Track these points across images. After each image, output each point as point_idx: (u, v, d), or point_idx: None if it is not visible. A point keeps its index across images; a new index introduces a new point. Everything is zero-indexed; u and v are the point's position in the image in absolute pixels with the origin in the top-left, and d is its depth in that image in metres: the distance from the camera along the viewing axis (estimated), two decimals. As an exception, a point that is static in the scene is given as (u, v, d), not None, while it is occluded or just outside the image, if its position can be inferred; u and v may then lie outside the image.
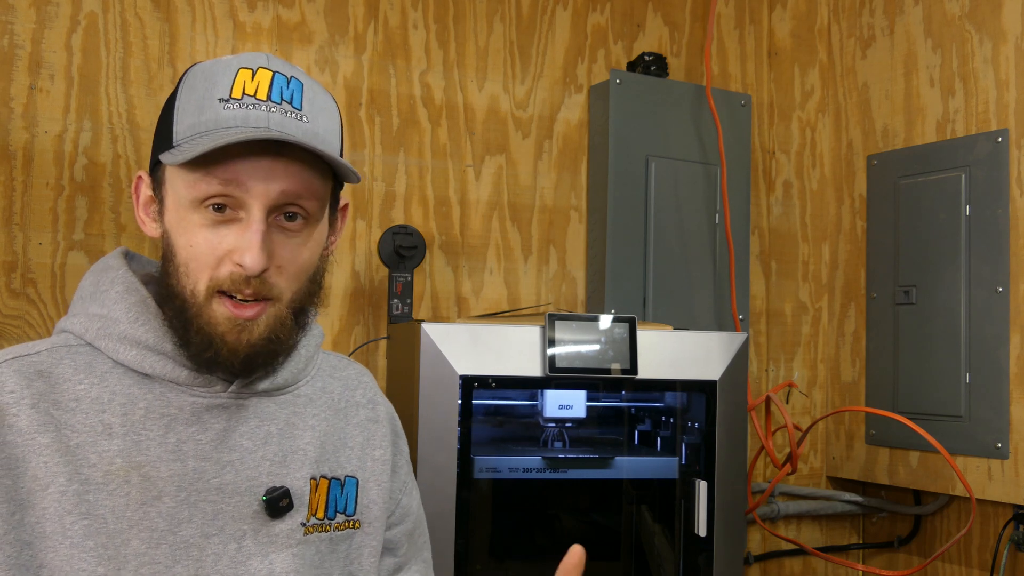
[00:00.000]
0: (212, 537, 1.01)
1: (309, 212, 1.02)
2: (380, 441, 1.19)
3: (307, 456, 1.09)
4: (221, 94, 1.00)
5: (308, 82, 1.05)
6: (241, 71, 1.01)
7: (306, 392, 1.13)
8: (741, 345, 1.83)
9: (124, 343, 1.02)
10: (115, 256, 1.10)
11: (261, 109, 0.99)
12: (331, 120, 1.07)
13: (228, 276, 0.99)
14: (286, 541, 1.05)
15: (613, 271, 2.12)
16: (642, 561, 1.91)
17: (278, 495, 1.04)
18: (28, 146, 1.75)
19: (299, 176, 1.00)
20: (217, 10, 1.91)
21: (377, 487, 1.16)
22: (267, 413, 1.08)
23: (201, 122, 0.99)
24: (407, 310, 1.91)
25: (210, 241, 0.99)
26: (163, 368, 1.02)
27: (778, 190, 2.44)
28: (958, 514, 2.20)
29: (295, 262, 1.03)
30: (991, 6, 2.03)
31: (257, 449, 1.05)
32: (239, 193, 0.98)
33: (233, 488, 1.03)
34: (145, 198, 1.07)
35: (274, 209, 1.00)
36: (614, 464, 1.84)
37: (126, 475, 0.98)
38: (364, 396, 1.21)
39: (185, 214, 1.00)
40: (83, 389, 1.00)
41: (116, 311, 1.03)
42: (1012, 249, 1.96)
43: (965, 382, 2.04)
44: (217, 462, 1.03)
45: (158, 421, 1.01)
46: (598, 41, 2.25)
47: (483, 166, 2.13)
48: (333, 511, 1.10)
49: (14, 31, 1.75)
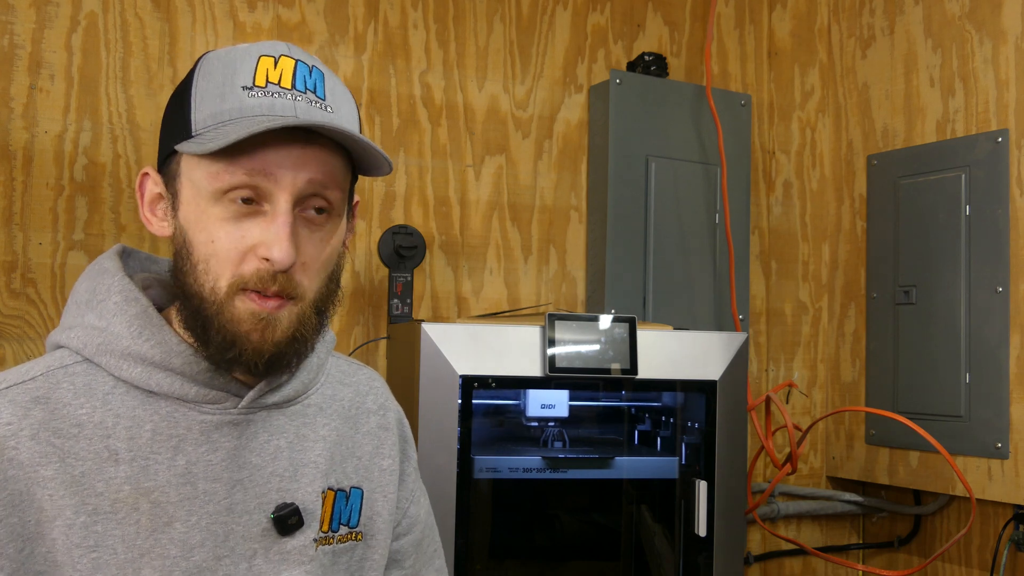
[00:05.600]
0: (224, 559, 0.98)
1: (333, 204, 0.98)
2: (389, 450, 1.15)
3: (318, 468, 1.05)
4: (244, 82, 0.95)
5: (327, 71, 1.01)
6: (263, 59, 0.97)
7: (316, 401, 1.09)
8: (741, 345, 1.83)
9: (127, 360, 0.97)
10: (111, 257, 1.04)
11: (287, 98, 0.96)
12: (352, 110, 1.03)
13: (254, 272, 0.94)
14: (298, 558, 1.02)
15: (613, 271, 2.12)
16: (642, 561, 1.91)
17: (287, 512, 1.01)
18: (28, 146, 1.75)
19: (326, 165, 0.96)
20: (217, 10, 1.91)
21: (383, 499, 1.12)
22: (276, 427, 1.04)
23: (224, 110, 0.95)
24: (407, 310, 1.91)
25: (232, 236, 0.94)
26: (170, 386, 0.97)
27: (778, 190, 2.44)
28: (958, 514, 2.20)
29: (319, 258, 0.98)
30: (991, 6, 2.03)
31: (266, 465, 1.02)
32: (266, 183, 0.94)
33: (243, 507, 0.99)
34: (152, 196, 1.02)
35: (299, 201, 0.96)
36: (614, 464, 1.84)
37: (135, 502, 0.94)
38: (375, 402, 1.17)
39: (206, 207, 0.95)
40: (85, 414, 0.95)
41: (116, 325, 0.98)
42: (1012, 249, 1.96)
43: (965, 382, 2.04)
44: (227, 482, 0.99)
45: (166, 443, 0.97)
46: (598, 41, 2.25)
47: (483, 166, 2.13)
48: (337, 523, 1.07)
49: (14, 31, 1.75)
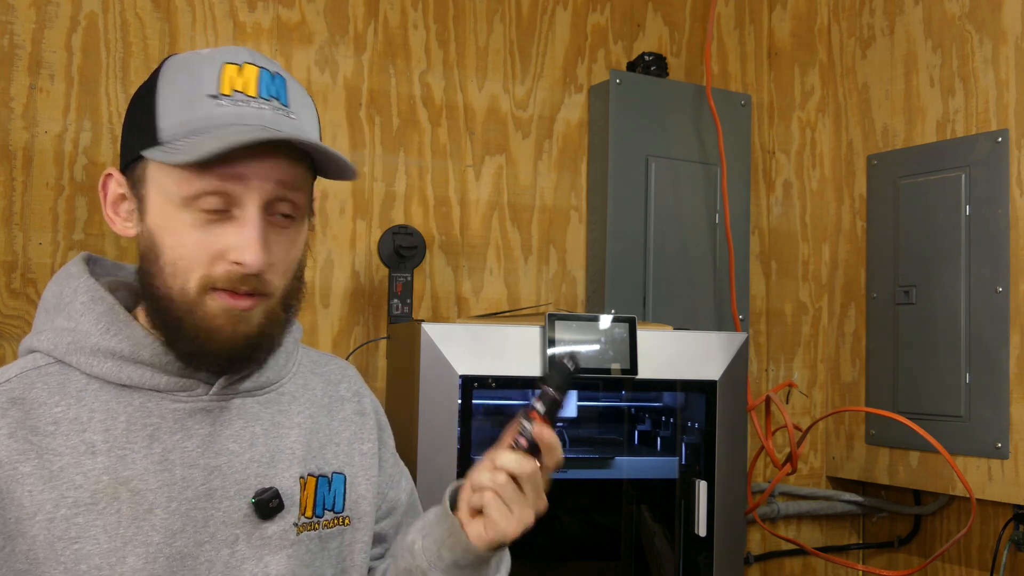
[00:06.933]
0: (205, 544, 1.00)
1: (298, 206, 1.02)
2: (368, 435, 1.18)
3: (295, 455, 1.08)
4: (209, 90, 0.98)
5: (288, 77, 1.04)
6: (227, 66, 0.99)
7: (289, 389, 1.12)
8: (741, 345, 1.83)
9: (97, 356, 1.00)
10: (76, 263, 1.07)
11: (252, 106, 0.98)
12: (313, 115, 1.07)
13: (224, 274, 0.97)
14: (280, 543, 1.04)
15: (613, 271, 2.12)
16: (642, 561, 1.91)
17: (267, 496, 1.03)
18: (28, 146, 1.75)
19: (292, 171, 1.00)
20: (217, 10, 1.91)
21: (366, 482, 1.15)
22: (252, 413, 1.06)
23: (193, 119, 0.97)
24: (407, 310, 1.91)
25: (202, 241, 0.97)
26: (141, 377, 1.00)
27: (778, 190, 2.44)
28: (958, 514, 2.20)
29: (286, 259, 1.02)
30: (991, 6, 2.03)
31: (244, 451, 1.04)
32: (236, 189, 0.96)
33: (222, 493, 1.01)
34: (115, 196, 1.04)
35: (266, 205, 0.99)
36: (614, 464, 1.84)
37: (114, 492, 0.96)
38: (349, 390, 1.20)
39: (174, 212, 0.97)
40: (60, 411, 0.98)
41: (84, 323, 1.01)
42: (1012, 249, 1.96)
43: (965, 382, 2.04)
44: (204, 468, 1.01)
45: (141, 432, 0.99)
46: (598, 41, 2.25)
47: (483, 166, 2.13)
48: (321, 509, 1.09)
49: (14, 31, 1.75)
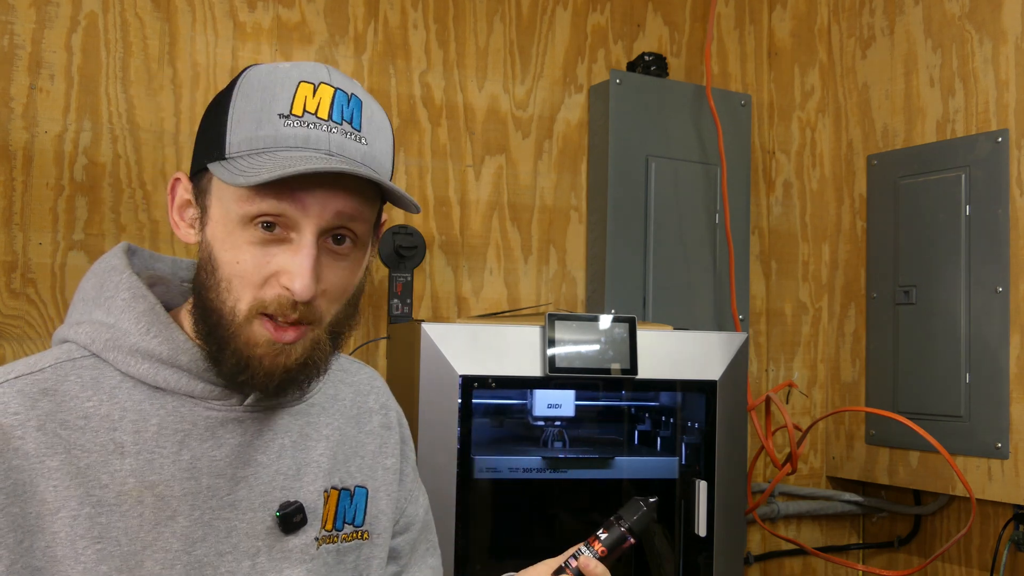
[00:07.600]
0: (226, 555, 0.99)
1: (358, 236, 0.99)
2: (392, 449, 1.17)
3: (320, 468, 1.07)
4: (281, 109, 0.96)
5: (366, 99, 1.02)
6: (302, 85, 0.98)
7: (318, 400, 1.10)
8: (741, 345, 1.83)
9: (135, 356, 0.99)
10: (118, 255, 1.05)
11: (322, 129, 0.96)
12: (387, 142, 1.04)
13: (275, 299, 0.95)
14: (300, 556, 1.03)
15: (613, 271, 2.12)
16: (642, 561, 1.91)
17: (292, 511, 1.02)
18: (28, 146, 1.75)
19: (353, 200, 0.97)
20: (217, 10, 1.91)
21: (387, 497, 1.14)
22: (281, 425, 1.05)
23: (259, 136, 0.96)
24: (407, 310, 1.91)
25: (258, 259, 0.95)
26: (177, 382, 0.99)
27: (778, 190, 2.44)
28: (958, 514, 2.20)
29: (339, 286, 0.99)
30: (991, 6, 2.03)
31: (272, 463, 1.03)
32: (293, 213, 0.95)
33: (247, 504, 1.00)
34: (182, 201, 1.03)
35: (324, 232, 0.96)
36: (614, 464, 1.84)
37: (139, 495, 0.95)
38: (376, 401, 1.18)
39: (233, 229, 0.96)
40: (92, 407, 0.96)
41: (124, 321, 1.00)
42: (1012, 249, 1.96)
43: (965, 382, 2.04)
44: (231, 478, 1.00)
45: (171, 438, 0.98)
46: (598, 41, 2.25)
47: (483, 166, 2.12)
48: (341, 522, 1.08)
49: (14, 31, 1.75)
